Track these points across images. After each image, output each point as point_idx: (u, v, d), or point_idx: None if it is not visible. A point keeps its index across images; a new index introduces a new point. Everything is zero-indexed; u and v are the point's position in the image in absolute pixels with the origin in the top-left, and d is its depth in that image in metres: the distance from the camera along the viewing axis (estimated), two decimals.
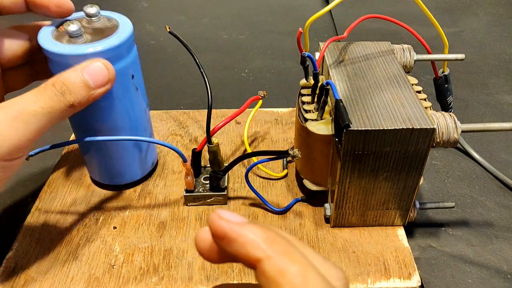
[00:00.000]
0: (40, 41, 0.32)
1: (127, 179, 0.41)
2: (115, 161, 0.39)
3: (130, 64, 0.34)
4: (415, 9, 0.49)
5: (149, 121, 0.40)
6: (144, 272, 0.34)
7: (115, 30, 0.33)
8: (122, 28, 0.34)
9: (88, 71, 0.30)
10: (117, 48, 0.32)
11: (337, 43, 0.41)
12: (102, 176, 0.40)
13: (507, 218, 0.42)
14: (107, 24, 0.34)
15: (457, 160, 0.49)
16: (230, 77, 0.64)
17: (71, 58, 0.31)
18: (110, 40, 0.32)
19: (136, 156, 0.39)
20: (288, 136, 0.48)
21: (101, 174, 0.40)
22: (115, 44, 0.32)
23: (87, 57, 0.31)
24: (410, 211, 0.37)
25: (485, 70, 0.65)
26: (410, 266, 0.35)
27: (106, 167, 0.39)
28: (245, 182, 0.40)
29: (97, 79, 0.30)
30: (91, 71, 0.30)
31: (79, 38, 0.32)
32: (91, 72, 0.30)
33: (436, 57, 0.40)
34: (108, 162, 0.39)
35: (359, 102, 0.34)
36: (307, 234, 0.37)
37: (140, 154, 0.39)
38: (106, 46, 0.31)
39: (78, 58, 0.31)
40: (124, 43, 0.33)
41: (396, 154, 0.32)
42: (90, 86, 0.30)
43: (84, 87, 0.30)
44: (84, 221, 0.38)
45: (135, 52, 0.35)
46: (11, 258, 0.35)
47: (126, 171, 0.40)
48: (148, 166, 0.42)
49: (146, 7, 0.85)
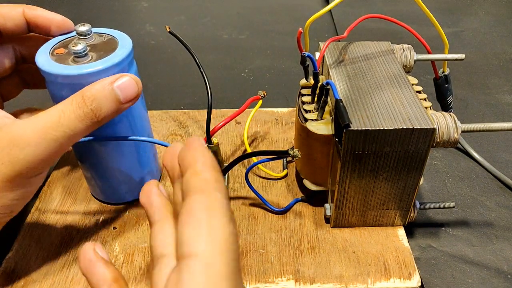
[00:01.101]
0: (44, 68, 0.31)
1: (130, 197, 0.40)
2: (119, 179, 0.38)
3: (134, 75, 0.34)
4: (415, 9, 0.49)
5: (150, 133, 0.39)
6: (144, 272, 0.34)
7: (115, 44, 0.33)
8: (121, 41, 0.33)
9: (119, 86, 0.29)
10: (125, 60, 0.32)
11: (337, 43, 0.41)
12: (106, 195, 0.40)
13: (507, 218, 0.42)
14: (102, 40, 0.34)
15: (457, 160, 0.49)
16: (230, 77, 0.64)
17: (83, 78, 0.30)
18: (117, 53, 0.32)
19: (138, 174, 0.39)
20: (288, 136, 0.48)
21: (105, 193, 0.40)
22: (124, 56, 0.32)
23: (100, 74, 0.30)
24: (410, 211, 0.37)
25: (485, 70, 0.65)
26: (410, 266, 0.34)
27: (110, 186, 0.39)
28: (245, 182, 0.40)
29: (128, 94, 0.29)
30: (122, 86, 0.29)
31: (86, 57, 0.31)
32: (122, 87, 0.29)
33: (436, 57, 0.40)
34: (111, 182, 0.38)
35: (359, 102, 0.34)
36: (307, 234, 0.37)
37: (142, 171, 0.39)
38: (116, 59, 0.31)
39: (90, 76, 0.30)
40: (130, 55, 0.33)
41: (396, 154, 0.32)
42: (120, 101, 0.29)
43: (115, 102, 0.29)
44: (84, 221, 0.38)
45: (135, 63, 0.35)
46: (11, 259, 0.35)
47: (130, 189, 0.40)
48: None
49: (146, 7, 0.85)
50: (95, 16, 0.81)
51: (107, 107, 0.28)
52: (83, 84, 0.30)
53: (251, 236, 0.37)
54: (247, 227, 0.38)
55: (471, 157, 0.49)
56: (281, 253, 0.36)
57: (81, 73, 0.30)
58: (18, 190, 0.28)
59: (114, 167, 0.37)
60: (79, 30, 0.33)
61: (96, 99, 0.28)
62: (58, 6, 0.84)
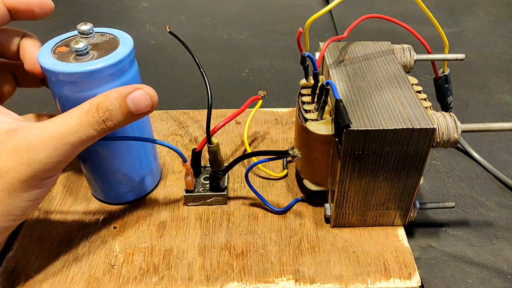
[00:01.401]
0: (46, 66, 0.31)
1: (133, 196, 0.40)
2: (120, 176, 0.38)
3: (135, 75, 0.34)
4: (415, 9, 0.49)
5: (151, 134, 0.40)
6: (144, 272, 0.34)
7: (116, 43, 0.33)
8: (122, 40, 0.34)
9: (132, 99, 0.30)
10: (126, 58, 0.32)
11: (337, 43, 0.41)
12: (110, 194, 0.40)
13: (507, 218, 0.42)
14: (104, 39, 0.34)
15: (457, 160, 0.49)
16: (230, 77, 0.64)
17: (84, 75, 0.30)
18: (118, 52, 0.32)
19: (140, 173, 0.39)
20: (288, 136, 0.48)
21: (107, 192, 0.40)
22: (125, 55, 0.32)
23: (100, 72, 0.31)
24: (410, 211, 0.37)
25: (485, 70, 0.65)
26: (410, 266, 0.34)
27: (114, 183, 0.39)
28: (245, 182, 0.40)
29: (140, 107, 0.30)
30: (135, 99, 0.30)
31: (87, 56, 0.32)
32: (135, 100, 0.30)
33: (436, 57, 0.40)
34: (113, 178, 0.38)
35: (359, 102, 0.34)
36: (307, 234, 0.37)
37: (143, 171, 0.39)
38: (117, 58, 0.31)
39: (91, 74, 0.31)
40: (131, 54, 0.33)
41: (396, 154, 0.32)
42: (132, 113, 0.30)
43: (127, 114, 0.30)
44: (84, 221, 0.38)
45: (136, 63, 0.35)
46: (11, 258, 0.35)
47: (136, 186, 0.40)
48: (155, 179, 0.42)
49: (146, 7, 0.85)
50: (95, 16, 0.81)
51: (118, 118, 0.30)
52: (84, 82, 0.30)
53: (251, 236, 0.37)
54: (247, 227, 0.38)
55: (471, 157, 0.49)
56: (281, 253, 0.36)
57: (82, 70, 0.30)
58: (33, 191, 0.29)
59: (115, 167, 0.37)
60: (81, 29, 0.33)
61: (108, 110, 0.29)
62: (58, 5, 0.83)
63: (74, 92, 0.31)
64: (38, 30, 0.72)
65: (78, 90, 0.31)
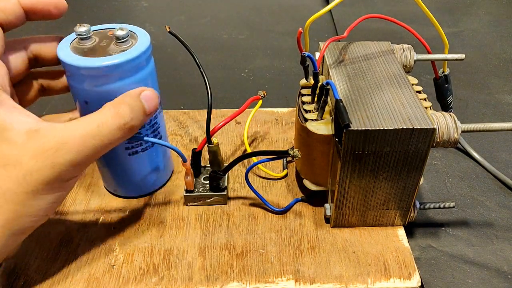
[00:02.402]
0: (66, 61, 0.31)
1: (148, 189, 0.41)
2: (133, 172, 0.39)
3: (151, 71, 0.35)
4: (415, 9, 0.49)
5: (165, 134, 0.40)
6: (144, 272, 0.34)
7: (134, 40, 0.34)
8: (140, 37, 0.34)
9: (145, 98, 0.31)
10: (144, 54, 0.33)
11: (337, 43, 0.41)
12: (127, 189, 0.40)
13: (507, 218, 0.42)
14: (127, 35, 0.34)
15: (457, 160, 0.49)
16: (230, 77, 0.64)
17: (103, 70, 0.31)
18: (136, 47, 0.33)
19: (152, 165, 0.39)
20: (288, 136, 0.48)
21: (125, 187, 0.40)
22: (143, 50, 0.33)
23: (120, 66, 0.32)
24: (410, 211, 0.37)
25: (485, 70, 0.65)
26: (410, 266, 0.34)
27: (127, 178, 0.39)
28: (245, 182, 0.40)
29: (151, 106, 0.31)
30: (147, 98, 0.31)
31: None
32: (147, 99, 0.31)
33: (436, 57, 0.40)
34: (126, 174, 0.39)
35: (359, 102, 0.34)
36: (307, 234, 0.37)
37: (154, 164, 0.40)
38: (135, 54, 0.32)
39: (109, 69, 0.31)
40: (148, 50, 0.34)
41: (396, 154, 0.32)
42: (146, 112, 0.31)
43: (143, 114, 0.31)
44: (84, 221, 0.38)
45: (152, 59, 0.36)
46: (11, 258, 0.35)
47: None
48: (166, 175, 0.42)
49: (146, 7, 0.85)
50: (95, 15, 0.81)
51: (137, 118, 0.30)
52: (104, 76, 0.31)
53: (251, 236, 0.37)
54: (247, 227, 0.38)
55: (471, 157, 0.49)
56: (281, 253, 0.36)
57: (102, 65, 0.31)
58: (55, 193, 0.29)
59: (132, 165, 0.38)
60: (117, 34, 0.33)
61: (129, 114, 0.30)
62: None
63: (92, 86, 0.32)
64: (38, 30, 0.72)
65: (96, 84, 0.32)
